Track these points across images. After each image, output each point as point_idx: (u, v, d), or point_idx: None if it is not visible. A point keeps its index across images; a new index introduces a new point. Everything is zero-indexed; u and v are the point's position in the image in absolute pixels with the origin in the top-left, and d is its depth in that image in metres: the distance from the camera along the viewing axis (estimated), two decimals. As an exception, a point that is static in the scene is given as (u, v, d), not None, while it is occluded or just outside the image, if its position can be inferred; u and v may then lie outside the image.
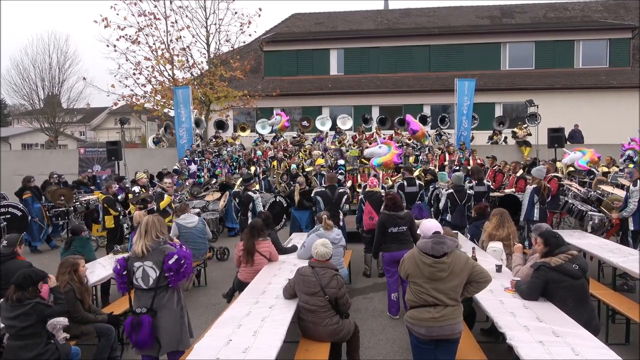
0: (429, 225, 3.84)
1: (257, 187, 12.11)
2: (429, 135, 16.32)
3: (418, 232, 4.01)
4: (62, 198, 10.41)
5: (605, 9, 25.37)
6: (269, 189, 12.54)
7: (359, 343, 4.61)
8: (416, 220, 6.19)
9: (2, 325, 4.03)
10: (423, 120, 17.36)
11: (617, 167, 11.81)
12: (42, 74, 31.89)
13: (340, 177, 11.72)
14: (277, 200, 11.04)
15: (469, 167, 11.79)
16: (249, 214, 8.69)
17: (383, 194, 8.05)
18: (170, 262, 3.91)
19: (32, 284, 3.97)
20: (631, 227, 7.32)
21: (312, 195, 8.59)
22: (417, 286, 3.62)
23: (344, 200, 8.12)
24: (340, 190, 8.25)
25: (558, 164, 12.22)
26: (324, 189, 8.32)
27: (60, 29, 67.30)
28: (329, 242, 4.58)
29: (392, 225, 5.97)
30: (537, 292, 4.21)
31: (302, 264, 4.85)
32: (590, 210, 8.40)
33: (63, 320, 4.26)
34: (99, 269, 6.07)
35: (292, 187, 11.76)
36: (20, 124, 43.43)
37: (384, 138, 15.59)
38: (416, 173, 10.94)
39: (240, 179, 11.19)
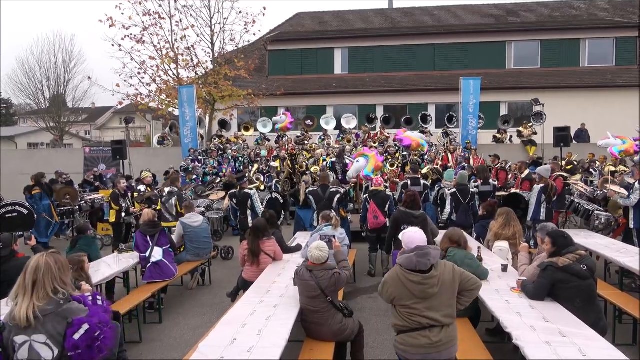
0: (412, 237, 3.38)
1: (262, 187, 12.12)
2: (426, 143, 16.07)
3: (400, 238, 3.54)
4: (68, 197, 10.46)
5: (612, 7, 25.22)
6: (269, 187, 12.53)
7: (364, 342, 4.59)
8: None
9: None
10: (424, 120, 17.30)
11: (625, 167, 11.71)
12: (47, 73, 32.16)
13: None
14: (274, 197, 11.01)
15: (472, 166, 11.74)
16: (248, 212, 8.56)
17: (388, 193, 8.04)
18: (77, 336, 2.61)
19: None
20: (631, 225, 7.28)
21: (306, 194, 8.50)
22: (407, 309, 3.27)
23: (335, 199, 8.04)
24: (332, 189, 8.19)
25: (563, 163, 12.16)
26: (315, 189, 8.30)
27: (66, 29, 67.59)
28: (325, 244, 4.46)
29: (405, 223, 5.96)
30: (544, 292, 4.17)
31: (305, 264, 4.82)
32: (597, 210, 8.35)
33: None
34: (104, 267, 6.09)
35: (295, 186, 11.77)
36: (26, 123, 43.70)
37: (388, 137, 15.58)
38: (424, 171, 10.89)
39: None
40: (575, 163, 12.33)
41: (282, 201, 10.98)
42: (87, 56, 60.16)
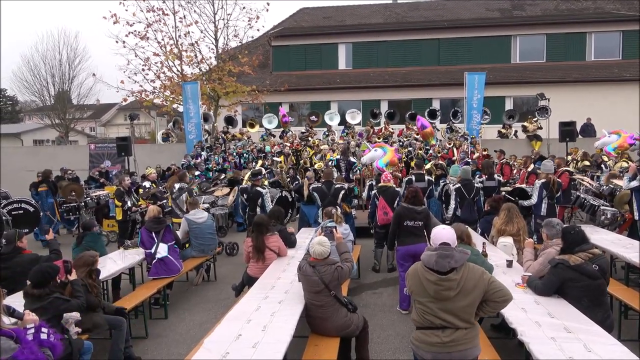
0: (440, 234, 3.27)
1: (266, 182, 12.13)
2: (437, 138, 16.07)
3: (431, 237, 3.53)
4: (73, 193, 10.51)
5: None
6: (272, 183, 12.54)
7: (368, 338, 4.60)
8: None
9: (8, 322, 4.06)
10: (433, 115, 17.24)
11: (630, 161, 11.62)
12: (52, 70, 32.18)
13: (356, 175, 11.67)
14: (283, 195, 11.03)
15: (476, 161, 11.71)
16: (258, 209, 8.62)
17: (397, 189, 8.02)
18: None
19: (51, 279, 4.02)
20: (636, 217, 7.23)
21: (310, 190, 8.52)
22: (422, 306, 3.18)
23: (340, 195, 8.07)
24: (337, 185, 8.21)
25: (569, 157, 12.08)
26: (320, 185, 8.31)
27: (70, 26, 67.77)
28: (326, 240, 4.47)
29: (408, 219, 5.95)
30: (552, 289, 4.12)
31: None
32: (603, 205, 8.29)
33: (75, 315, 4.30)
34: (110, 264, 6.12)
35: (297, 182, 11.77)
36: (31, 120, 43.87)
37: (392, 132, 15.56)
38: (427, 166, 10.86)
39: (248, 173, 11.18)
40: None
41: (290, 200, 11.00)
42: (91, 53, 60.31)
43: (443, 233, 3.25)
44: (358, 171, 11.90)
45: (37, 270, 4.04)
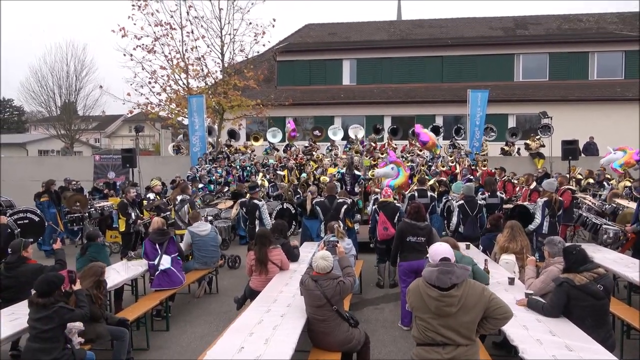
0: (438, 250, 3.32)
1: (265, 180, 12.20)
2: (440, 146, 16.24)
3: (427, 256, 3.53)
4: (78, 204, 10.58)
5: (621, 20, 25.19)
6: (276, 196, 12.60)
7: (369, 353, 4.60)
8: None
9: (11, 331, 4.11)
10: (436, 131, 17.33)
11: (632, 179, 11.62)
12: (59, 81, 32.60)
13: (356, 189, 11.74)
14: (285, 207, 11.07)
15: (479, 178, 11.74)
16: (256, 222, 8.74)
17: (397, 204, 8.05)
18: None
19: (56, 288, 4.06)
20: None
21: (312, 205, 8.57)
22: (423, 322, 3.19)
23: (342, 210, 8.11)
24: (339, 200, 8.26)
25: (575, 174, 12.09)
26: (322, 199, 8.36)
27: (78, 38, 68.75)
28: (329, 254, 4.50)
29: (410, 235, 5.98)
30: (560, 308, 4.08)
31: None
32: (605, 224, 8.29)
33: (78, 325, 4.33)
34: (113, 274, 6.15)
35: (299, 196, 11.82)
36: (37, 130, 44.23)
37: (395, 148, 15.65)
38: (430, 182, 10.92)
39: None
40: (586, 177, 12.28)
41: (293, 211, 11.04)
42: (98, 65, 61.04)
43: (441, 249, 3.31)
44: (363, 181, 11.96)
45: (42, 279, 4.08)
